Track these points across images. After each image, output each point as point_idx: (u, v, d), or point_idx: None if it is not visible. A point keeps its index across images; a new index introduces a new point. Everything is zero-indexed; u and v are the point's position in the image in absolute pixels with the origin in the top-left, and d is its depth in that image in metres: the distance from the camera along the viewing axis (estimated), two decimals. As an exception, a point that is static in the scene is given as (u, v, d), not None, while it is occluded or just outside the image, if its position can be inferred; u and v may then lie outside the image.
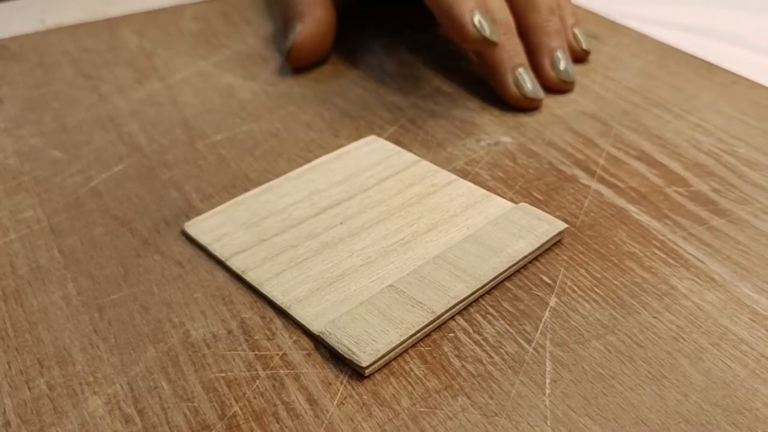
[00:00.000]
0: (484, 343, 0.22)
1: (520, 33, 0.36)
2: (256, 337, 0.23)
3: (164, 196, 0.29)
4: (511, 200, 0.28)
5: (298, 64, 0.38)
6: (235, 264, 0.25)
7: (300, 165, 0.30)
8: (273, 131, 0.33)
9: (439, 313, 0.23)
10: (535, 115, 0.34)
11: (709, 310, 0.23)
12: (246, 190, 0.29)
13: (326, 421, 0.20)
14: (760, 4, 0.48)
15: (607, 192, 0.28)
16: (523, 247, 0.25)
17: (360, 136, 0.32)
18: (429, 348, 0.22)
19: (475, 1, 0.33)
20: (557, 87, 0.36)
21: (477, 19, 0.32)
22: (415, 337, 0.22)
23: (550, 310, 0.23)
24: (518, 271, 0.25)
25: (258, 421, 0.20)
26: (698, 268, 0.25)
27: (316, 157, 0.31)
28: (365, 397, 0.21)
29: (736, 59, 0.39)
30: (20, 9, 0.47)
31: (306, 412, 0.20)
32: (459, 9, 0.33)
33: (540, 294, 0.24)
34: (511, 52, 0.34)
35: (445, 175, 0.29)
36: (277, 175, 0.30)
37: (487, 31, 0.32)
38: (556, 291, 0.24)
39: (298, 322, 0.23)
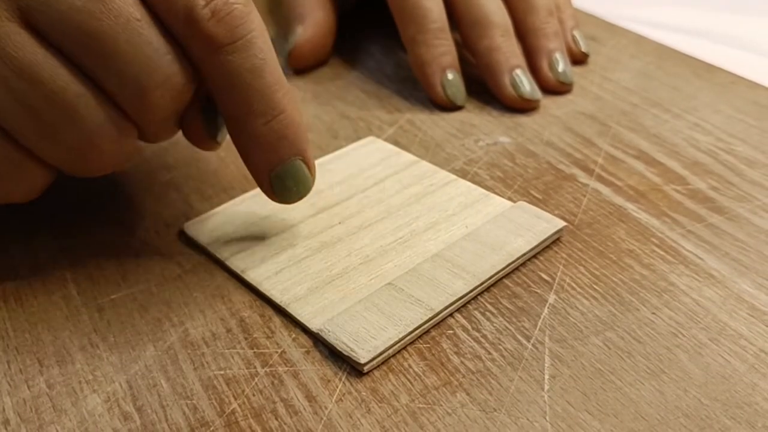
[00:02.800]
0: (482, 340, 0.22)
1: (519, 35, 0.36)
2: (255, 336, 0.23)
3: (164, 198, 0.29)
4: (510, 199, 0.28)
5: (298, 66, 0.38)
6: (234, 263, 0.25)
7: (299, 166, 0.31)
8: (272, 133, 0.33)
9: (437, 311, 0.23)
10: (534, 115, 0.34)
11: (708, 306, 0.23)
12: (245, 191, 0.29)
13: (325, 418, 0.20)
14: (759, 6, 0.48)
15: (605, 190, 0.28)
16: (521, 244, 0.25)
17: (359, 138, 0.33)
18: (428, 345, 0.22)
19: (449, 59, 0.34)
20: (555, 88, 0.36)
21: (447, 79, 0.34)
22: (413, 334, 0.22)
23: (548, 307, 0.23)
24: (517, 268, 0.25)
25: (257, 417, 0.20)
26: (697, 264, 0.25)
27: (315, 158, 0.31)
28: (364, 393, 0.21)
29: (734, 61, 0.39)
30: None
31: (305, 408, 0.20)
32: (430, 69, 0.34)
33: (539, 291, 0.24)
34: (508, 54, 0.34)
35: (443, 174, 0.29)
36: (277, 176, 0.30)
37: (456, 94, 0.34)
38: (554, 288, 0.24)
39: (297, 320, 0.23)
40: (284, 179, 0.24)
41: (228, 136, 0.25)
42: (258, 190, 0.29)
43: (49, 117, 0.21)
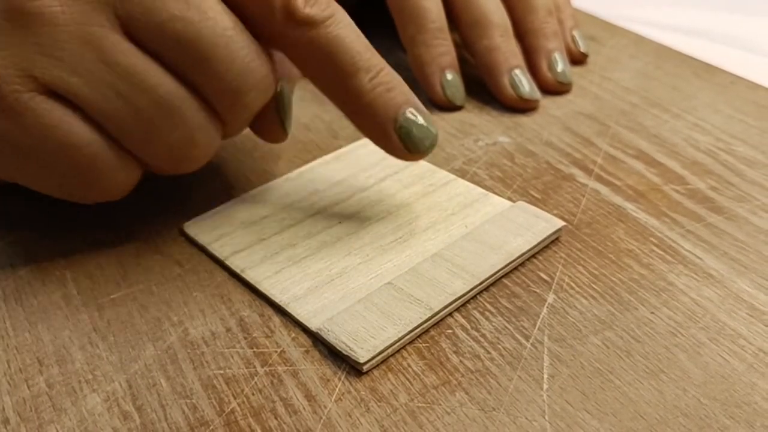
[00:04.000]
0: (482, 339, 0.22)
1: (518, 34, 0.36)
2: (254, 335, 0.23)
3: (164, 197, 0.29)
4: (509, 199, 0.28)
5: (297, 66, 0.38)
6: (234, 263, 0.25)
7: (299, 166, 0.31)
8: (272, 133, 0.33)
9: (436, 310, 0.23)
10: (533, 115, 0.34)
11: (707, 306, 0.23)
12: (245, 191, 0.29)
13: (324, 417, 0.20)
14: (759, 6, 0.48)
15: (604, 190, 0.29)
16: (520, 244, 0.25)
17: (359, 138, 0.33)
18: (427, 344, 0.22)
19: (448, 59, 0.34)
20: (554, 88, 0.36)
21: (447, 79, 0.34)
22: (413, 334, 0.22)
23: (547, 307, 0.23)
24: (516, 268, 0.25)
25: (256, 417, 0.20)
26: (696, 264, 0.25)
27: (315, 158, 0.31)
28: (363, 392, 0.21)
29: (734, 61, 0.39)
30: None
31: (304, 408, 0.20)
32: (430, 69, 0.34)
33: (538, 291, 0.24)
34: (508, 54, 0.34)
35: (443, 174, 0.29)
36: (277, 176, 0.30)
37: (455, 94, 0.34)
38: (553, 288, 0.24)
39: (297, 319, 0.23)
40: (410, 131, 0.25)
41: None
42: (258, 189, 0.29)
43: (157, 120, 0.23)
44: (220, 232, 0.26)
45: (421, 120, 0.25)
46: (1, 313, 0.24)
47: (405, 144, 0.25)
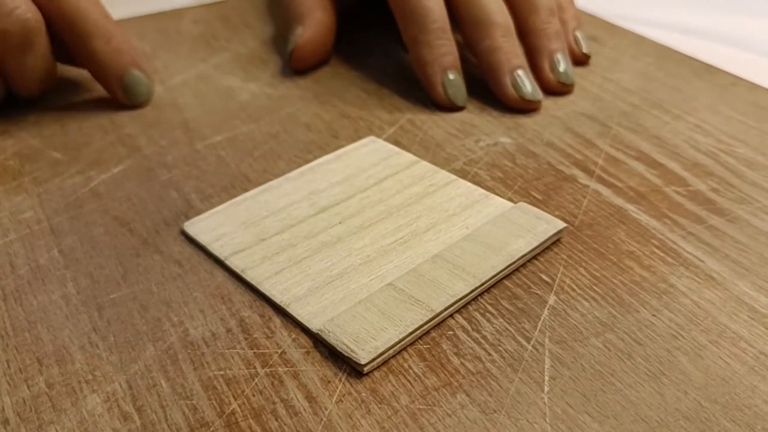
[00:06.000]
0: (483, 341, 0.22)
1: (520, 34, 0.36)
2: (255, 336, 0.23)
3: (164, 197, 0.29)
4: (510, 200, 0.28)
5: (299, 65, 0.38)
6: (234, 263, 0.25)
7: (299, 166, 0.31)
8: (272, 132, 0.33)
9: (438, 311, 0.23)
10: (534, 116, 0.34)
11: (708, 308, 0.23)
12: (245, 190, 0.29)
13: (325, 419, 0.20)
14: (759, 7, 0.48)
15: (605, 191, 0.28)
16: (521, 245, 0.25)
17: (359, 137, 0.32)
18: (428, 346, 0.22)
19: (450, 59, 0.34)
20: (556, 89, 0.36)
21: (448, 79, 0.34)
22: (414, 335, 0.22)
23: (549, 309, 0.23)
24: (517, 269, 0.25)
25: (257, 418, 0.20)
26: (697, 266, 0.25)
27: (316, 158, 0.31)
28: (364, 394, 0.21)
29: (734, 61, 0.39)
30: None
31: (305, 409, 0.20)
32: (431, 70, 0.34)
33: (539, 292, 0.24)
34: (510, 54, 0.34)
35: (444, 175, 0.29)
36: (277, 176, 0.30)
37: (457, 95, 0.34)
38: (555, 289, 0.24)
39: (297, 320, 0.23)
40: (134, 86, 0.35)
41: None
42: (258, 189, 0.29)
43: None
44: (220, 232, 0.26)
45: (143, 80, 0.35)
46: (1, 313, 0.24)
47: (128, 97, 0.35)
